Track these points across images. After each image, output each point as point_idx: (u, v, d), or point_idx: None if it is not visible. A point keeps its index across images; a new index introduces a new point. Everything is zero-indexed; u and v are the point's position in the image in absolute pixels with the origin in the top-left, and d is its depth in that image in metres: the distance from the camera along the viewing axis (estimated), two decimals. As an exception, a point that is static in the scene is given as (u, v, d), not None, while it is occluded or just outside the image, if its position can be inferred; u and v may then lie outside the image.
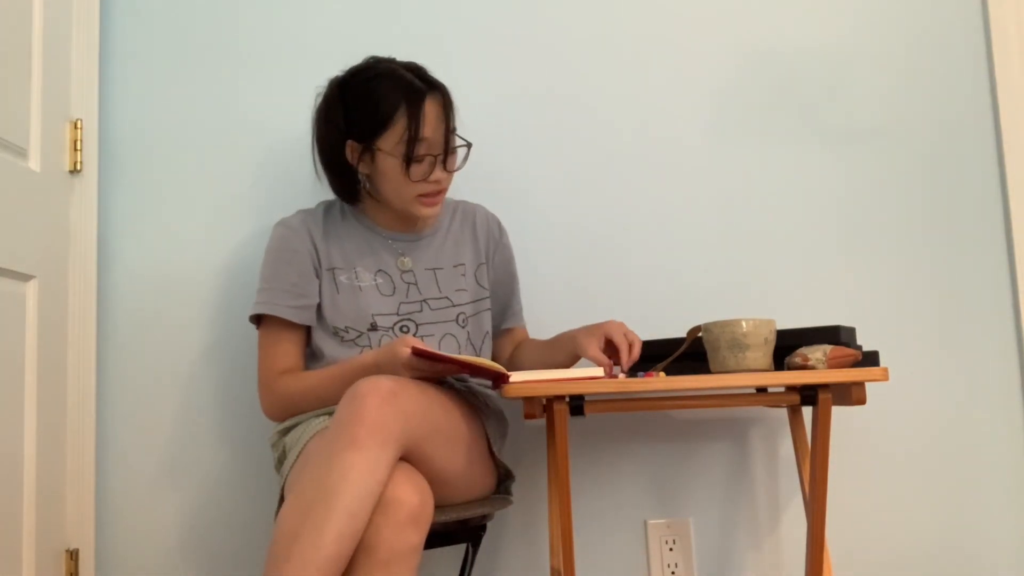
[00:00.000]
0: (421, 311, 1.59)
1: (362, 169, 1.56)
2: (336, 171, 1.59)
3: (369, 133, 1.51)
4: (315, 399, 1.51)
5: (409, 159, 1.49)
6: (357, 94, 1.53)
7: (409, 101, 1.49)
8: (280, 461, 1.53)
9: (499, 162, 1.90)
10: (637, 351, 1.48)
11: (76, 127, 1.80)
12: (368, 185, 1.58)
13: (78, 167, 1.80)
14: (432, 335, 1.58)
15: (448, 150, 1.53)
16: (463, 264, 1.65)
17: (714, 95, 1.94)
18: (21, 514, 1.59)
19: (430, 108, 1.50)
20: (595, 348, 1.49)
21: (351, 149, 1.55)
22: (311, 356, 1.59)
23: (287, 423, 1.54)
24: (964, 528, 1.84)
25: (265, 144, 1.91)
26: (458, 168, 1.58)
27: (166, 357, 1.85)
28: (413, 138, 1.48)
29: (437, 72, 1.94)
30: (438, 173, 1.52)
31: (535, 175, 1.91)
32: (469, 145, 1.57)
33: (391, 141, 1.50)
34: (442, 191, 1.56)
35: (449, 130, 1.53)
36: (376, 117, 1.50)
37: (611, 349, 1.51)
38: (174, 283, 1.87)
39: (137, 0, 1.94)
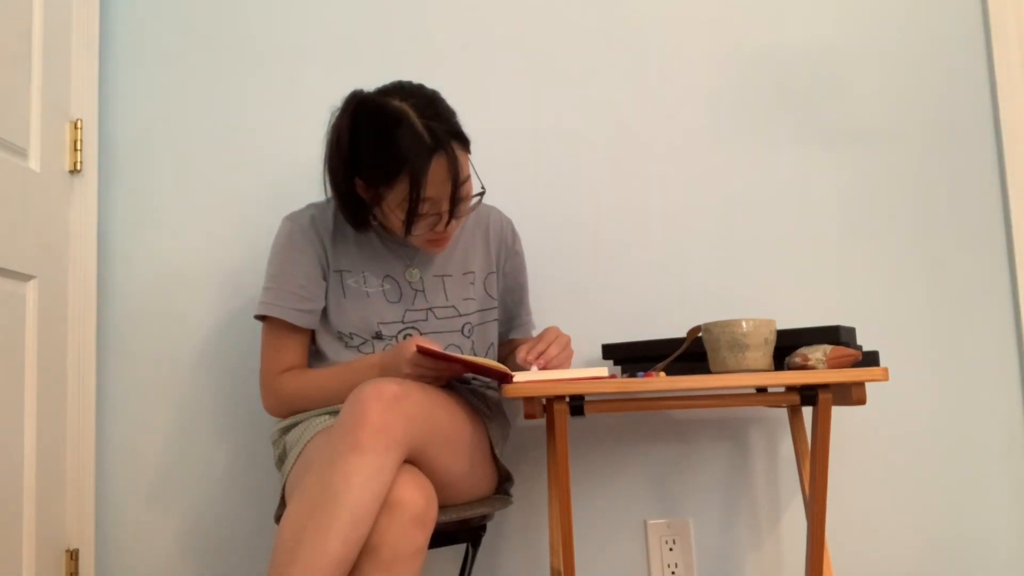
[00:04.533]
0: (426, 320, 1.57)
1: (372, 205, 1.50)
2: (345, 199, 1.51)
3: (375, 182, 1.44)
4: (318, 397, 1.50)
5: (410, 221, 1.43)
6: (368, 134, 1.43)
7: (413, 163, 1.39)
8: (281, 459, 1.53)
9: (499, 163, 1.90)
10: (551, 351, 1.48)
11: (76, 127, 1.80)
12: (379, 216, 1.53)
13: (78, 167, 1.80)
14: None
15: (456, 202, 1.44)
16: (472, 272, 1.63)
17: (714, 95, 1.94)
18: (21, 514, 1.59)
19: (436, 169, 1.41)
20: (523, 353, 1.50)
21: (360, 187, 1.48)
22: (314, 355, 1.59)
23: (288, 421, 1.54)
24: (964, 528, 1.84)
25: (265, 144, 1.91)
26: (470, 211, 1.51)
27: (166, 357, 1.85)
28: (415, 200, 1.40)
29: (438, 74, 1.94)
30: (441, 227, 1.47)
31: (535, 176, 1.91)
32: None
33: (395, 198, 1.43)
34: (448, 236, 1.51)
35: (458, 184, 1.43)
36: (382, 170, 1.42)
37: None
38: (174, 283, 1.87)
39: (137, 0, 1.94)
